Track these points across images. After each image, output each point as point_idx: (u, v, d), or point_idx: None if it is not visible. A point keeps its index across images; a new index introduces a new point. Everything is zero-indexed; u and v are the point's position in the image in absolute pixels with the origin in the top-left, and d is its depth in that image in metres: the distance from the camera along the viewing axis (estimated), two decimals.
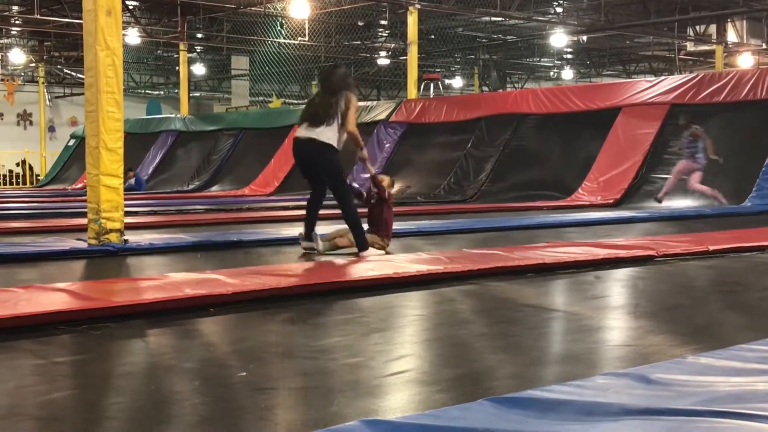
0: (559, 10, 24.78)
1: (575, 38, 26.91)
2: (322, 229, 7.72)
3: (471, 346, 3.98)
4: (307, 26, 23.51)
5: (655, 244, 7.34)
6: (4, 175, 29.75)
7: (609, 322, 4.60)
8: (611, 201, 14.51)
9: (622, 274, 6.33)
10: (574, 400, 2.74)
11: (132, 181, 21.29)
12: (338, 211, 7.28)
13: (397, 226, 9.95)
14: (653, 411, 2.63)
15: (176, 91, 30.38)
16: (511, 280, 5.87)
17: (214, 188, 22.52)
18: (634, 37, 28.25)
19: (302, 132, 7.06)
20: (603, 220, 11.24)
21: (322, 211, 7.69)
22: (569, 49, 31.32)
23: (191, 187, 22.87)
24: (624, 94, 16.06)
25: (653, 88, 15.72)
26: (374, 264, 6.21)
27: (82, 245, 7.49)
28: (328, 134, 6.93)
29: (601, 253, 6.86)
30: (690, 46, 26.67)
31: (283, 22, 24.23)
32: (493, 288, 5.57)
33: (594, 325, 4.49)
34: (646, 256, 6.87)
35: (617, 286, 6.01)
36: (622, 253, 6.89)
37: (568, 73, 34.97)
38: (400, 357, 3.76)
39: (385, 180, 7.65)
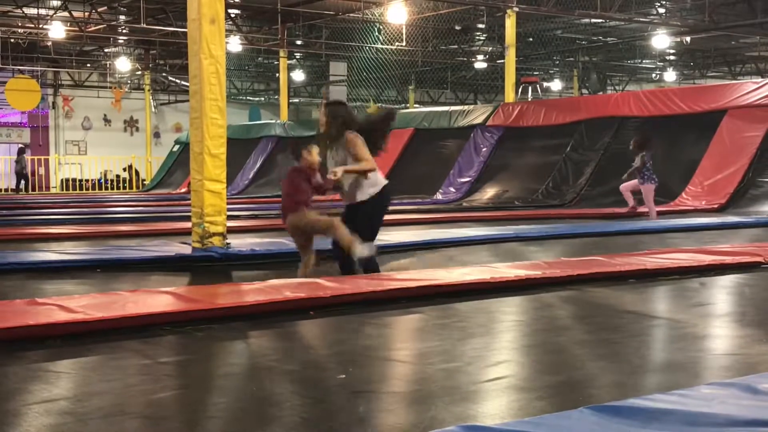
0: (662, 10, 24.24)
1: (678, 39, 26.26)
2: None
3: (571, 353, 3.93)
4: (404, 31, 23.58)
5: (763, 251, 7.09)
6: (112, 180, 30.73)
7: (714, 330, 4.48)
8: (716, 206, 14.10)
9: (728, 281, 6.15)
10: (677, 410, 2.68)
11: None
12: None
13: (495, 231, 9.89)
14: (761, 422, 2.55)
15: (276, 97, 30.89)
16: (613, 286, 5.76)
17: None
18: (740, 38, 27.40)
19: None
20: (708, 226, 10.94)
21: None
22: (672, 51, 30.59)
23: None
24: (729, 96, 15.58)
25: (760, 89, 15.19)
26: (472, 269, 6.18)
27: (187, 249, 7.68)
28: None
29: (706, 259, 6.68)
30: None
31: (381, 27, 24.36)
32: (593, 294, 5.49)
33: (698, 333, 4.38)
34: (754, 263, 6.65)
35: (723, 293, 5.84)
36: (728, 259, 6.69)
37: (670, 75, 34.16)
38: (498, 363, 3.74)
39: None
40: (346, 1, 21.61)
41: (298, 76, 34.20)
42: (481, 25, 26.28)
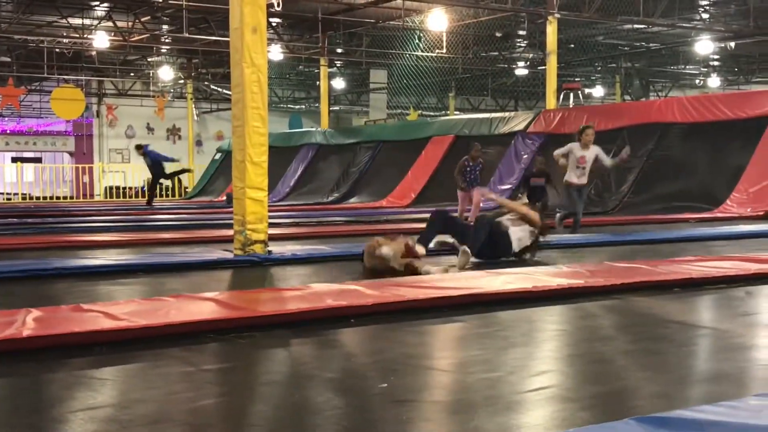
0: (705, 16, 23.97)
1: (722, 45, 25.95)
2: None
3: (615, 363, 3.88)
4: (444, 38, 23.58)
5: None
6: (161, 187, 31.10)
7: (761, 340, 4.40)
8: (762, 213, 13.89)
9: None
10: (725, 421, 2.64)
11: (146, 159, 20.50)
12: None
13: None
14: None
15: (317, 105, 31.04)
16: (656, 295, 5.69)
17: (352, 200, 22.87)
18: None
19: None
20: (754, 233, 10.77)
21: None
22: (716, 56, 30.25)
23: (331, 198, 23.30)
24: None
25: None
26: (513, 277, 6.14)
27: (229, 256, 7.73)
28: None
29: (752, 267, 6.57)
30: None
31: (421, 35, 24.38)
32: (637, 303, 5.42)
33: (745, 343, 4.30)
34: None
35: None
36: None
37: (714, 81, 33.77)
38: (540, 372, 3.70)
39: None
40: (386, 10, 21.65)
41: (339, 84, 34.34)
42: (522, 32, 26.20)
